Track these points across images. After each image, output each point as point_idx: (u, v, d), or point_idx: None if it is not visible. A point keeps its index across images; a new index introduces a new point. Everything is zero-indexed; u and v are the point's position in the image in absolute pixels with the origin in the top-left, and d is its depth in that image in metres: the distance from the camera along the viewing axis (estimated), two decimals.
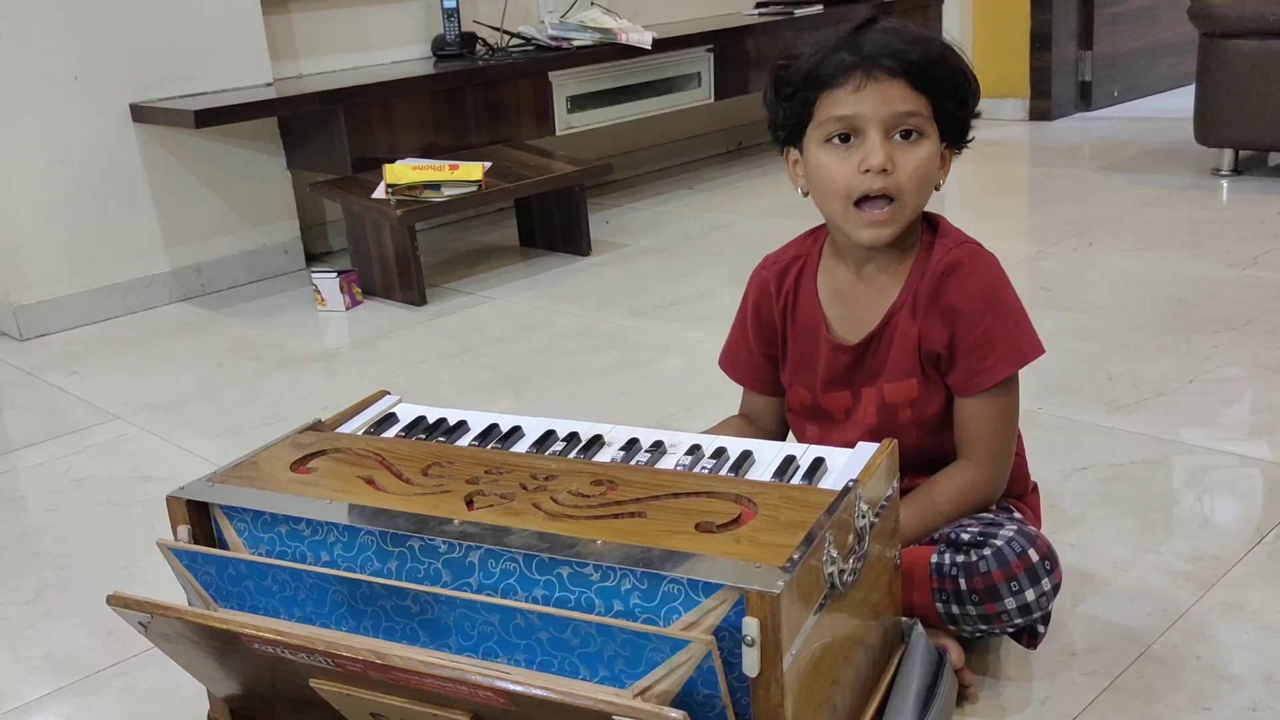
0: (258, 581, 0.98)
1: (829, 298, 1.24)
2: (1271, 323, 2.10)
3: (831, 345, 1.23)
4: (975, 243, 1.21)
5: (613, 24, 3.27)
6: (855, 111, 1.11)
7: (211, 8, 2.79)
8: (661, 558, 0.87)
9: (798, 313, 1.26)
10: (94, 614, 1.46)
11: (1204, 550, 1.39)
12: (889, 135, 1.12)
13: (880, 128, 1.11)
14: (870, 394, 1.22)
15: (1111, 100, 4.38)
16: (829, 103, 1.13)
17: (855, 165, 1.12)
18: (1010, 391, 1.19)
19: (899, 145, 1.12)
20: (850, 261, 1.23)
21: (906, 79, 1.11)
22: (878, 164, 1.11)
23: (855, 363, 1.22)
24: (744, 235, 3.06)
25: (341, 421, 1.21)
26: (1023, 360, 1.18)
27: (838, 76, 1.12)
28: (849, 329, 1.23)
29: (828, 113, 1.13)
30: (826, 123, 1.13)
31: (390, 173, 2.66)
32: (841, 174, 1.13)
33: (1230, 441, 1.67)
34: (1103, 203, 3.08)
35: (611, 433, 1.14)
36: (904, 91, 1.11)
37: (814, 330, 1.24)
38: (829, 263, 1.25)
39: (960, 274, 1.17)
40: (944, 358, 1.19)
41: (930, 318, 1.18)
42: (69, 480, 1.88)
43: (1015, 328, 1.18)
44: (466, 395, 2.10)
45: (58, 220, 2.66)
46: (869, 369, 1.22)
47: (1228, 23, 3.04)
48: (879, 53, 1.11)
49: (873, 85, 1.11)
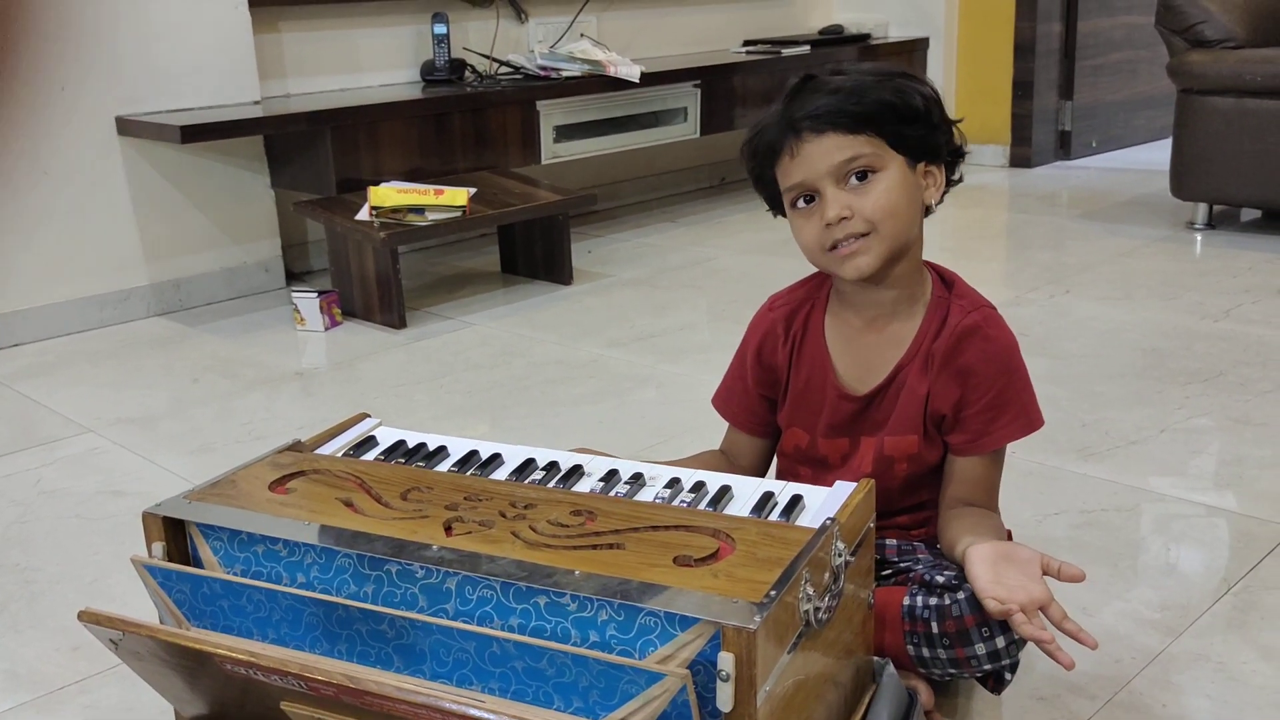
0: (232, 601, 0.98)
1: (837, 345, 1.26)
2: (1242, 376, 2.13)
3: (838, 394, 1.24)
4: (992, 306, 1.23)
5: (602, 56, 3.30)
6: (802, 177, 1.16)
7: (202, 25, 2.80)
8: (639, 590, 0.87)
9: (804, 357, 1.27)
10: (60, 629, 1.44)
11: (1172, 599, 1.41)
12: (844, 183, 1.15)
13: (831, 181, 1.15)
14: (870, 444, 1.23)
15: (1090, 150, 4.45)
16: (781, 174, 1.19)
17: (820, 221, 1.16)
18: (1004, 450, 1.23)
19: (855, 188, 1.15)
20: (859, 309, 1.24)
21: (834, 129, 1.14)
22: (834, 216, 1.15)
23: (860, 412, 1.23)
24: (725, 270, 3.08)
25: (321, 442, 1.21)
26: (1029, 428, 1.20)
27: (776, 148, 1.18)
28: (856, 379, 1.24)
29: (783, 183, 1.19)
30: (787, 191, 1.19)
31: (375, 195, 2.66)
32: (811, 232, 1.18)
33: (1199, 492, 1.69)
34: (1080, 251, 3.12)
35: (591, 463, 1.14)
36: (838, 140, 1.14)
37: (821, 377, 1.25)
38: (836, 309, 1.27)
39: (979, 338, 1.19)
40: (949, 419, 1.20)
41: (943, 377, 1.19)
42: (38, 493, 1.86)
43: (1024, 394, 1.20)
44: (443, 420, 2.10)
45: (38, 230, 2.65)
46: (873, 420, 1.23)
47: (1205, 80, 3.10)
48: (800, 115, 1.15)
49: (807, 146, 1.15)
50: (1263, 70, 2.99)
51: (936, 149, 1.20)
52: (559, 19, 3.61)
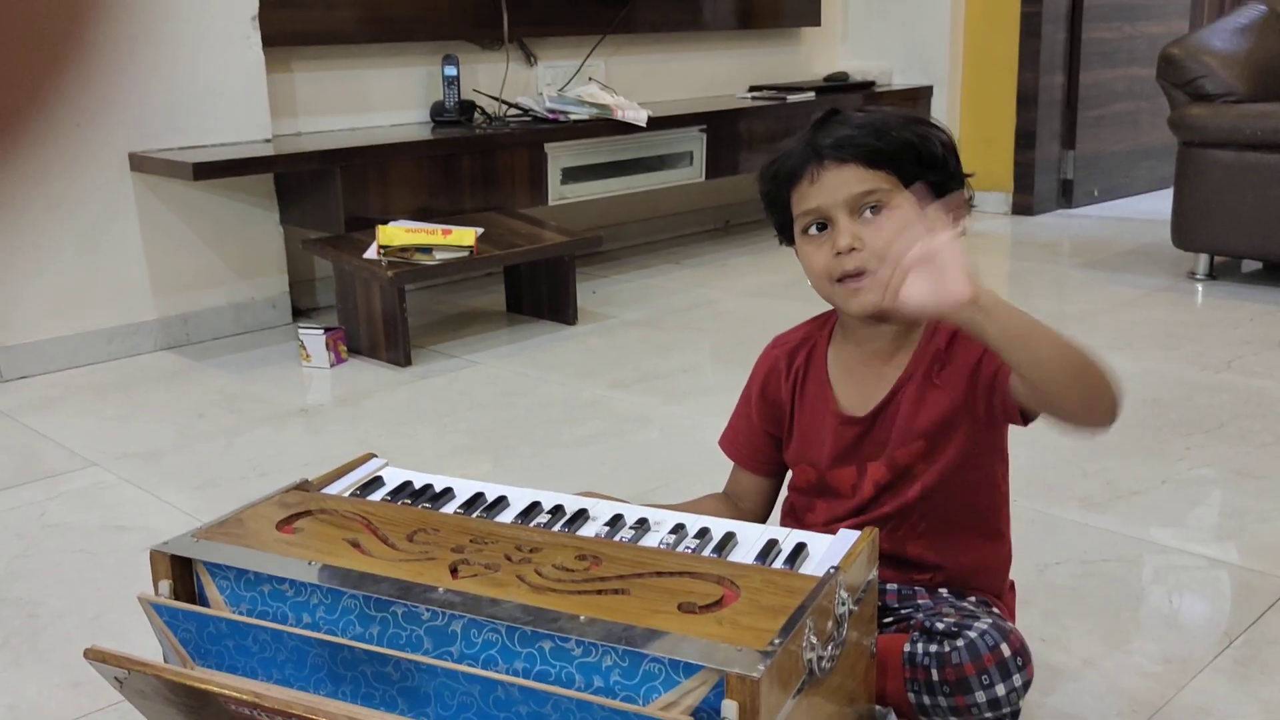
0: (238, 641, 0.98)
1: (839, 375, 1.27)
2: (1243, 428, 2.14)
3: (840, 419, 1.25)
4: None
5: (609, 100, 3.34)
6: (818, 203, 1.19)
7: (217, 63, 2.83)
8: (643, 636, 0.87)
9: (807, 390, 1.29)
10: (62, 664, 1.44)
11: (1173, 652, 1.41)
12: (857, 214, 1.18)
13: (845, 211, 1.18)
14: (875, 468, 1.24)
15: (1092, 199, 4.48)
16: (797, 199, 1.21)
17: (830, 250, 1.18)
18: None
19: (868, 221, 1.18)
20: (858, 340, 1.26)
21: (856, 161, 1.17)
22: (845, 245, 1.17)
23: (863, 435, 1.24)
24: (729, 313, 3.10)
25: (328, 482, 1.21)
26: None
27: (797, 174, 1.20)
28: (856, 402, 1.25)
29: (798, 208, 1.21)
30: (800, 217, 1.21)
31: (383, 234, 2.69)
32: (820, 259, 1.20)
33: (1200, 543, 1.69)
34: (1081, 299, 3.14)
35: (596, 507, 1.15)
36: (858, 172, 1.17)
37: (823, 406, 1.27)
38: (838, 342, 1.29)
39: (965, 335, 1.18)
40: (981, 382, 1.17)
41: (941, 379, 1.20)
42: (42, 526, 1.86)
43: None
44: (446, 458, 2.11)
45: (48, 263, 2.67)
46: (876, 441, 1.24)
47: (1206, 133, 3.13)
48: (825, 143, 1.18)
49: (827, 174, 1.18)
50: (1263, 125, 3.03)
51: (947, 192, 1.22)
52: (568, 63, 3.65)
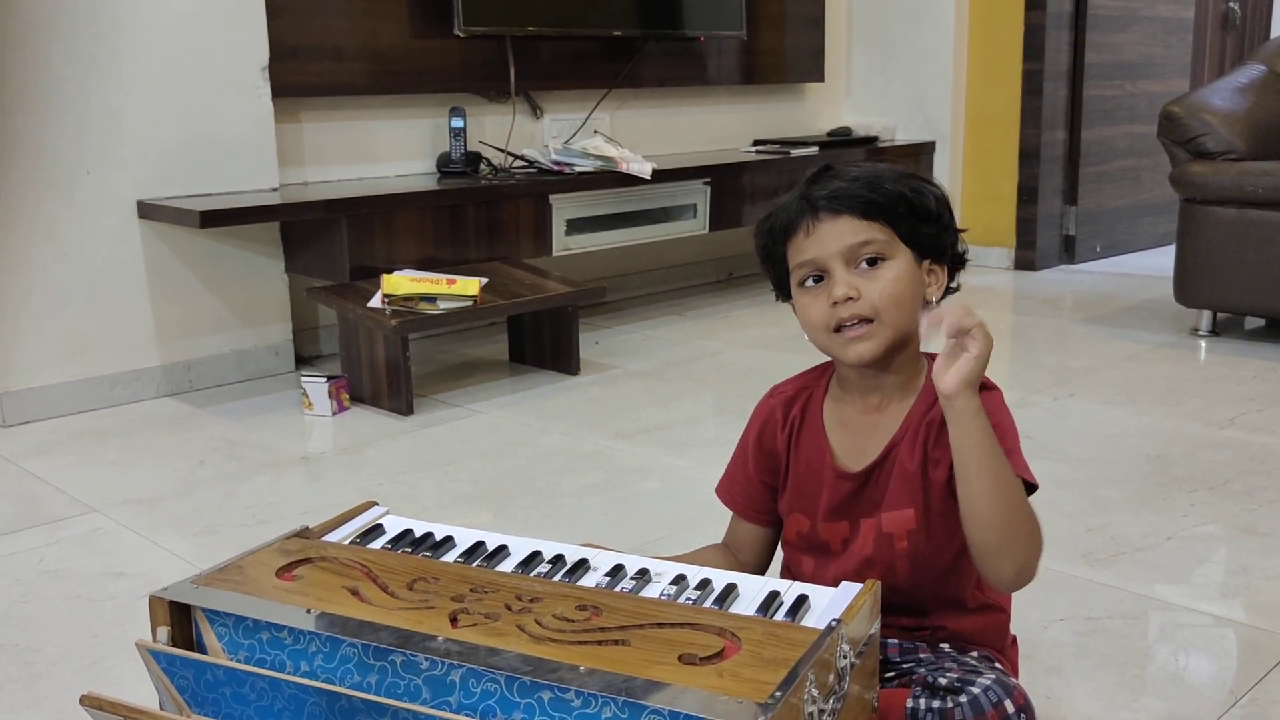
0: (235, 689, 0.97)
1: (835, 428, 1.27)
2: (1247, 484, 2.13)
3: (836, 474, 1.25)
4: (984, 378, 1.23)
5: (614, 153, 3.37)
6: (814, 254, 1.19)
7: (227, 113, 2.86)
8: (644, 688, 0.87)
9: (803, 441, 1.28)
10: (57, 711, 1.43)
11: (1178, 711, 1.39)
12: (854, 266, 1.18)
13: (841, 262, 1.18)
14: (869, 525, 1.23)
15: (1094, 255, 4.50)
16: (793, 251, 1.22)
17: (827, 300, 1.19)
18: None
19: (864, 273, 1.18)
20: (855, 393, 1.26)
21: (851, 213, 1.18)
22: (841, 294, 1.17)
23: (857, 491, 1.24)
24: (731, 364, 3.10)
25: (329, 529, 1.21)
26: (1027, 471, 1.18)
27: (792, 227, 1.21)
28: (852, 458, 1.25)
29: (794, 260, 1.22)
30: (797, 269, 1.22)
31: (388, 283, 2.70)
32: (817, 310, 1.20)
33: (1205, 601, 1.68)
34: (1084, 354, 3.14)
35: (597, 558, 1.15)
36: (854, 224, 1.18)
37: (819, 459, 1.27)
38: (836, 395, 1.29)
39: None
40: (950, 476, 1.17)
41: (935, 439, 1.19)
42: (40, 572, 1.86)
43: (1015, 448, 1.19)
44: (447, 507, 2.10)
45: (54, 310, 2.68)
46: (870, 499, 1.24)
47: (1208, 190, 3.15)
48: (820, 196, 1.19)
49: (823, 226, 1.19)
50: (1264, 183, 3.05)
51: (943, 249, 1.23)
52: (573, 115, 3.70)
